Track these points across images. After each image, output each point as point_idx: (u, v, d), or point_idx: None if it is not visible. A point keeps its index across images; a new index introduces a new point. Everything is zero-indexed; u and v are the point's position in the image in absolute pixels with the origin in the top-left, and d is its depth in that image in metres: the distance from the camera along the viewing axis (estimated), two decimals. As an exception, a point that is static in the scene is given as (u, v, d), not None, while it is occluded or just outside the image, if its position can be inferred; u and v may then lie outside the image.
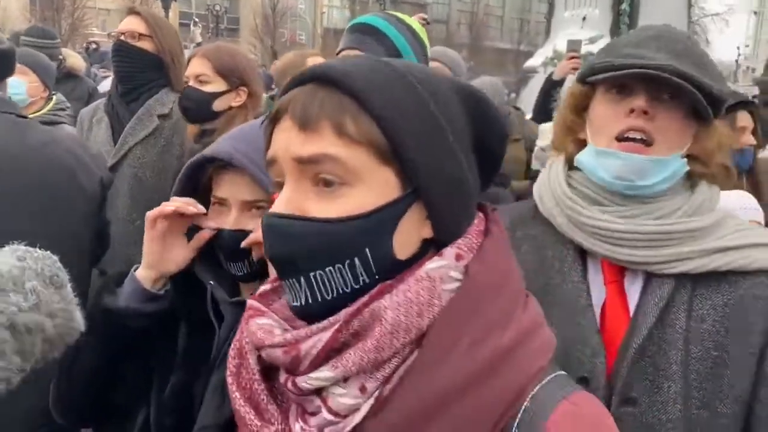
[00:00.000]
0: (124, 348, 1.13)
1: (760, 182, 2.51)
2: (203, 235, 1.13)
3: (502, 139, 0.76)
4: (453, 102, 0.71)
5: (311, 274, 0.66)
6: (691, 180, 1.11)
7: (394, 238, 0.67)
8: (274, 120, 0.70)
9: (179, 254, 1.13)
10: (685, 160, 1.08)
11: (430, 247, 0.70)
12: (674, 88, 1.02)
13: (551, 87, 3.47)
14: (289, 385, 0.67)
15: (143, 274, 1.12)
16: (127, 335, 1.12)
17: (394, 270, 0.67)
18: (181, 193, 1.15)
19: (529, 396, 0.67)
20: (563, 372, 0.72)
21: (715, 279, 1.05)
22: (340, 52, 1.62)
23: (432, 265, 0.68)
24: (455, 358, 0.65)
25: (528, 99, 8.01)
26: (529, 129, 3.44)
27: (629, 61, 1.03)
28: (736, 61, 47.15)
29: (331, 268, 0.65)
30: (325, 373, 0.65)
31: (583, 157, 1.11)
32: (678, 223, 1.06)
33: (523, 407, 0.66)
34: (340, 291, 0.66)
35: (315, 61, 2.87)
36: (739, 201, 2.00)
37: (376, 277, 0.66)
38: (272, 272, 0.77)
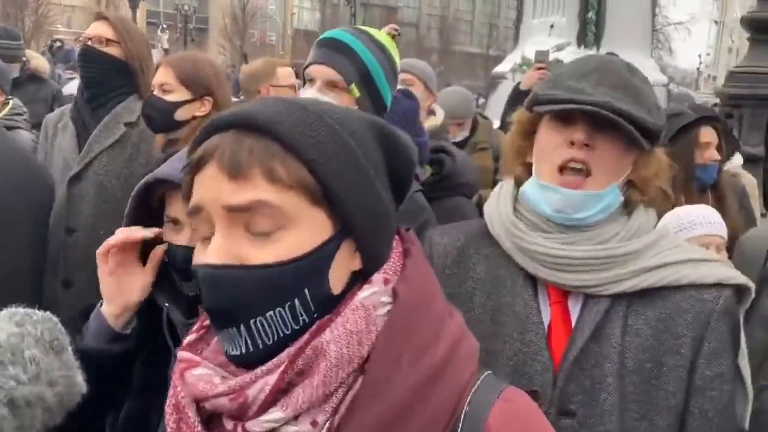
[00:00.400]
0: (102, 382, 1.08)
1: (724, 197, 2.53)
2: (157, 252, 1.11)
3: (410, 167, 0.80)
4: (368, 138, 0.73)
5: (252, 321, 0.66)
6: (629, 206, 1.17)
7: (330, 275, 0.69)
8: (196, 167, 0.69)
9: (138, 281, 1.11)
10: (619, 192, 1.15)
11: (359, 277, 0.72)
12: (612, 122, 1.08)
13: (518, 96, 3.52)
14: (239, 430, 0.67)
15: (106, 310, 1.10)
16: (100, 373, 1.07)
17: (330, 305, 0.69)
18: (135, 212, 1.13)
19: (467, 400, 0.71)
20: (489, 371, 0.76)
21: (649, 295, 1.12)
22: (308, 65, 1.63)
23: (364, 294, 0.70)
24: (398, 378, 0.68)
25: (496, 105, 8.09)
26: (497, 138, 3.48)
27: (570, 96, 1.09)
28: (698, 68, 48.28)
29: (271, 313, 0.66)
30: (276, 415, 0.66)
31: (527, 189, 1.18)
32: (614, 248, 1.13)
33: (464, 412, 0.70)
34: (281, 334, 0.67)
35: (284, 71, 2.83)
36: (702, 216, 2.05)
37: (315, 315, 0.68)
38: (202, 320, 0.77)
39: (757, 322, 1.41)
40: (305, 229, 0.67)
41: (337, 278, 0.69)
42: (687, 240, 1.99)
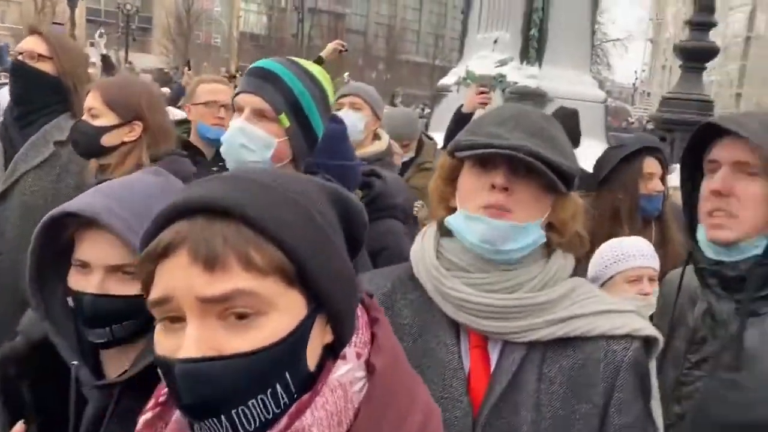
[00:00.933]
0: None
1: (668, 227, 2.52)
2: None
3: (363, 230, 0.80)
4: (326, 206, 0.73)
5: (233, 411, 0.64)
6: (548, 248, 1.22)
7: (306, 353, 0.68)
8: (161, 256, 0.66)
9: None
10: (542, 231, 1.18)
11: (330, 350, 0.71)
12: (529, 166, 1.13)
13: (461, 120, 3.55)
14: None
15: None
16: None
17: (307, 383, 0.68)
18: (39, 250, 1.05)
19: None
20: None
21: (563, 344, 1.17)
22: (237, 94, 1.60)
23: (340, 371, 0.70)
24: None
25: (440, 118, 8.16)
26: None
27: (489, 141, 1.14)
28: (634, 84, 50.18)
29: (254, 401, 0.64)
30: None
31: (452, 220, 1.21)
32: (530, 297, 1.17)
33: None
34: (263, 419, 0.65)
35: (204, 87, 2.68)
36: (635, 248, 2.08)
37: (295, 396, 0.67)
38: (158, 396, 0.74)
39: (669, 363, 1.45)
40: (283, 312, 0.66)
41: (312, 355, 0.69)
42: (620, 272, 2.03)
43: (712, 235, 1.36)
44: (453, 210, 1.23)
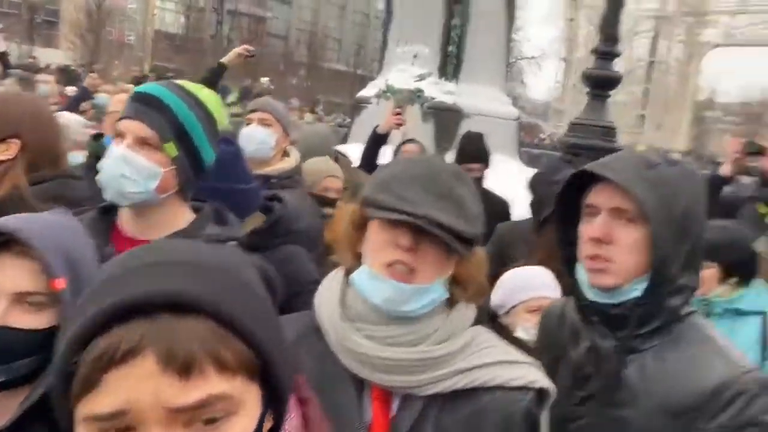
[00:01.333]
0: None
1: None
2: None
3: (278, 298, 0.77)
4: (260, 283, 0.68)
5: None
6: (450, 299, 1.25)
7: None
8: (115, 363, 0.57)
9: None
10: (444, 289, 1.22)
11: None
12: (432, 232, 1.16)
13: (378, 140, 3.53)
14: None
15: None
16: None
17: None
18: None
19: None
20: None
21: (462, 395, 1.20)
22: (120, 119, 1.50)
23: None
24: None
25: (359, 129, 8.16)
26: (356, 175, 3.44)
27: (397, 205, 1.17)
28: (548, 101, 52.24)
29: None
30: None
31: (357, 278, 1.23)
32: (430, 350, 1.19)
33: None
34: None
35: (115, 98, 2.56)
36: (537, 277, 2.12)
37: None
38: None
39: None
40: (249, 409, 0.62)
41: None
42: (522, 302, 2.06)
43: (593, 280, 1.39)
44: (359, 255, 1.25)
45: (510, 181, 4.69)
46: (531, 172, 3.73)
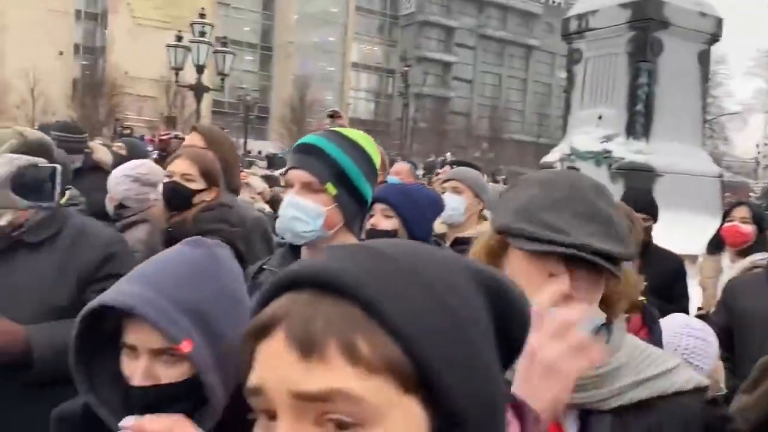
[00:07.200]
0: None
1: None
2: None
3: (524, 327, 0.62)
4: (472, 294, 0.57)
5: None
6: (606, 321, 1.18)
7: None
8: (261, 334, 0.55)
9: None
10: (602, 317, 1.15)
11: None
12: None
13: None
14: None
15: None
16: None
17: None
18: (82, 334, 1.06)
19: None
20: None
21: (643, 405, 1.16)
22: (286, 171, 1.72)
23: None
24: None
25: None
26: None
27: (548, 236, 1.08)
28: (756, 158, 47.32)
29: None
30: None
31: None
32: (604, 365, 1.15)
33: None
34: None
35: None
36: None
37: None
38: None
39: None
40: (394, 426, 0.51)
41: None
42: None
43: None
44: None
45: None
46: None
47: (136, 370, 1.03)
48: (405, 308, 0.52)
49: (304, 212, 1.61)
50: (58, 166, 1.79)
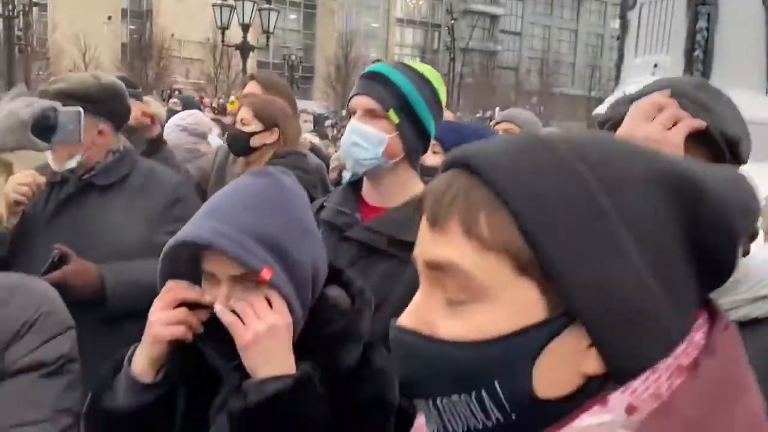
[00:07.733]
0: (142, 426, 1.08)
1: None
2: (200, 318, 1.07)
3: (728, 238, 0.55)
4: (643, 194, 0.53)
5: (437, 399, 0.56)
6: None
7: (536, 371, 0.54)
8: (419, 207, 0.60)
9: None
10: None
11: (600, 384, 0.54)
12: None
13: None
14: None
15: (139, 367, 1.07)
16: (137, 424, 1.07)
17: (537, 411, 0.54)
18: (166, 271, 1.10)
19: None
20: None
21: (757, 325, 1.11)
22: (350, 99, 1.69)
23: (590, 420, 0.53)
24: None
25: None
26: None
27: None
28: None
29: (456, 396, 0.55)
30: None
31: None
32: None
33: None
34: (471, 428, 0.56)
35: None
36: None
37: (513, 416, 0.54)
38: None
39: None
40: (505, 306, 0.53)
41: (549, 378, 0.54)
42: None
43: None
44: None
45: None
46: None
47: (218, 295, 1.05)
48: (532, 190, 0.53)
49: (365, 138, 1.59)
50: (81, 110, 1.80)
